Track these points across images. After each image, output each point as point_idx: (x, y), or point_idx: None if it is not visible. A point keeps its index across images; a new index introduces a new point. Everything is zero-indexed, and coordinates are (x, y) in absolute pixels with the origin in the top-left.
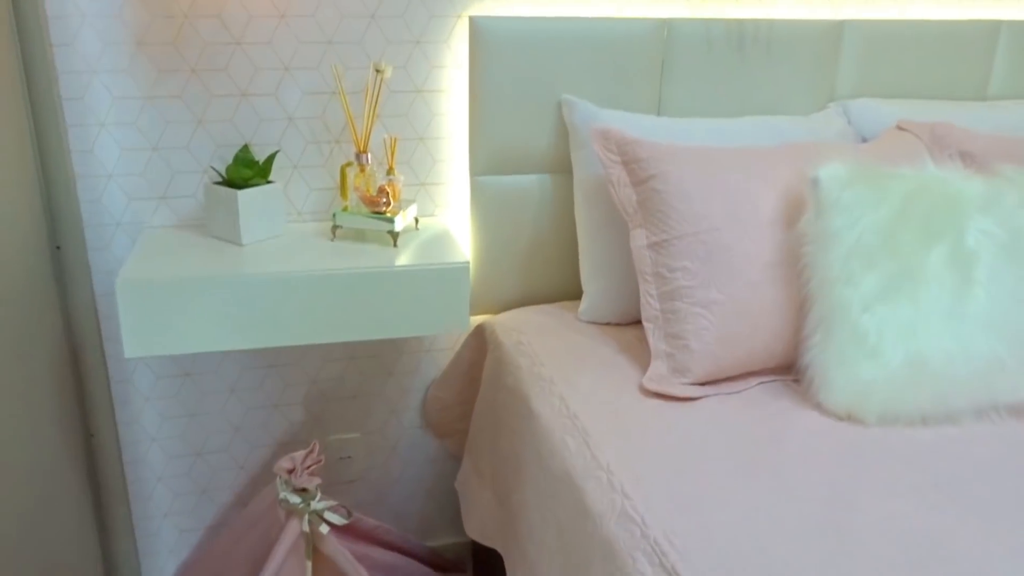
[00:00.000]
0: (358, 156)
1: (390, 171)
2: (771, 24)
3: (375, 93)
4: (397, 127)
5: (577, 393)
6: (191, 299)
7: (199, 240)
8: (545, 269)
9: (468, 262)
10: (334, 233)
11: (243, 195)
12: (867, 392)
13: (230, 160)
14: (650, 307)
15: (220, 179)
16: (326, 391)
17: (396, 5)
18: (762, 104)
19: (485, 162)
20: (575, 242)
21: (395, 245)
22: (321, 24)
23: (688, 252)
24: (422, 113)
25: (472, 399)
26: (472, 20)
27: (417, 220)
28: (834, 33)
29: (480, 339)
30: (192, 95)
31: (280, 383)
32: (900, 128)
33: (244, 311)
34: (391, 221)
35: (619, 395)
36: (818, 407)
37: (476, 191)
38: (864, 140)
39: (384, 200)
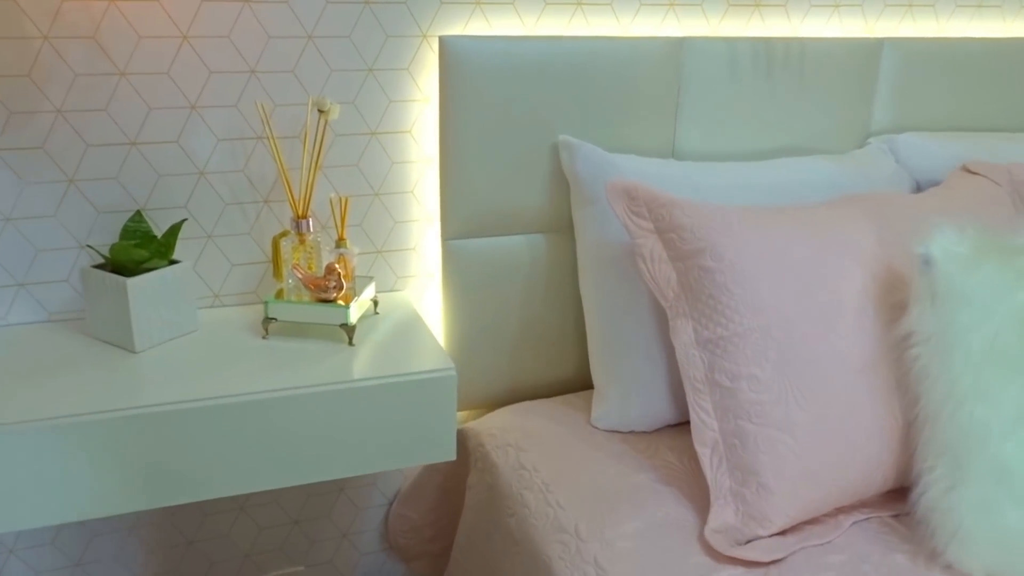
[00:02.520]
0: (296, 223)
1: (340, 242)
2: (803, 44)
3: (318, 138)
4: (346, 181)
5: (620, 559)
6: (55, 450)
7: (74, 345)
8: (539, 354)
9: (453, 369)
10: (266, 329)
11: (135, 284)
12: (1017, 548)
13: (117, 233)
14: (705, 427)
15: (103, 261)
16: (258, 518)
17: (341, 22)
18: (793, 139)
19: (461, 221)
20: (577, 320)
21: (351, 343)
22: (240, 47)
23: (755, 354)
24: (378, 162)
25: (449, 517)
26: (443, 41)
27: (376, 302)
28: (872, 54)
29: (461, 448)
30: (59, 145)
31: (196, 515)
32: (968, 171)
33: (140, 461)
34: (344, 311)
35: (680, 559)
36: (948, 569)
37: (450, 258)
38: (918, 184)
39: (333, 283)
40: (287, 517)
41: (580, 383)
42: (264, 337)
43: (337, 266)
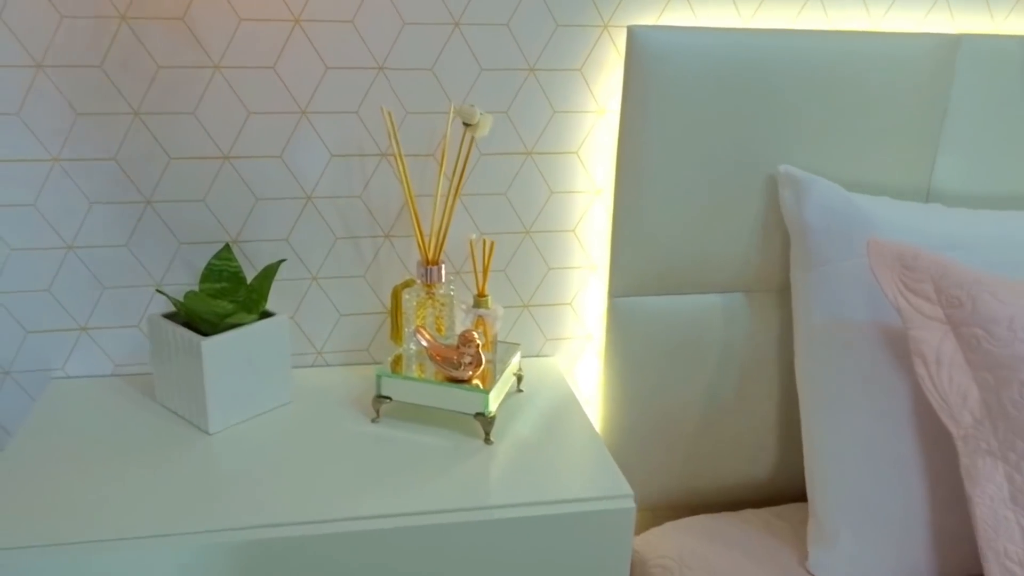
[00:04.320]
0: (425, 271)
1: (480, 299)
2: None
3: (460, 159)
4: (489, 214)
5: None
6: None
7: (138, 413)
8: (726, 451)
9: (632, 497)
10: (377, 410)
11: (213, 347)
12: None
13: (200, 270)
14: None
15: (174, 309)
16: None
17: (496, 5)
18: None
19: (636, 273)
20: (782, 411)
21: (487, 440)
22: (366, 35)
23: None
24: (533, 191)
25: None
26: (632, 33)
27: (520, 376)
28: None
29: None
30: (134, 156)
31: None
32: None
33: None
34: (482, 397)
35: None
36: None
37: (618, 319)
38: None
39: (469, 358)
40: None
41: (776, 490)
42: (374, 420)
43: (475, 334)
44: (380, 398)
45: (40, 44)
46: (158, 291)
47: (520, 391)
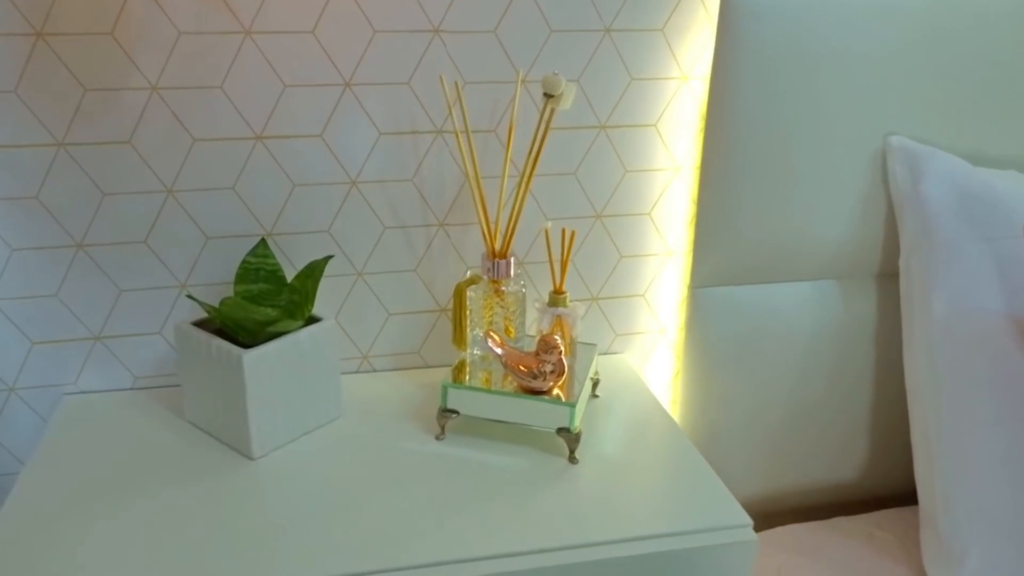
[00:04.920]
0: (492, 265)
1: (558, 296)
2: None
3: (537, 137)
4: (555, 196)
5: None
6: None
7: (163, 435)
8: (816, 451)
9: (751, 526)
10: (442, 426)
11: (256, 360)
12: None
13: (232, 268)
14: None
15: (207, 317)
16: None
17: None
18: None
19: (722, 261)
20: (882, 407)
21: (572, 458)
22: None
23: None
24: (606, 169)
25: None
26: None
27: (596, 380)
28: None
29: None
30: (152, 138)
31: None
32: None
33: None
34: (567, 411)
35: None
36: None
37: (699, 312)
38: None
39: (551, 366)
40: None
41: (866, 493)
42: (439, 438)
43: (555, 338)
44: (446, 412)
45: (42, 8)
46: (188, 296)
47: (596, 396)
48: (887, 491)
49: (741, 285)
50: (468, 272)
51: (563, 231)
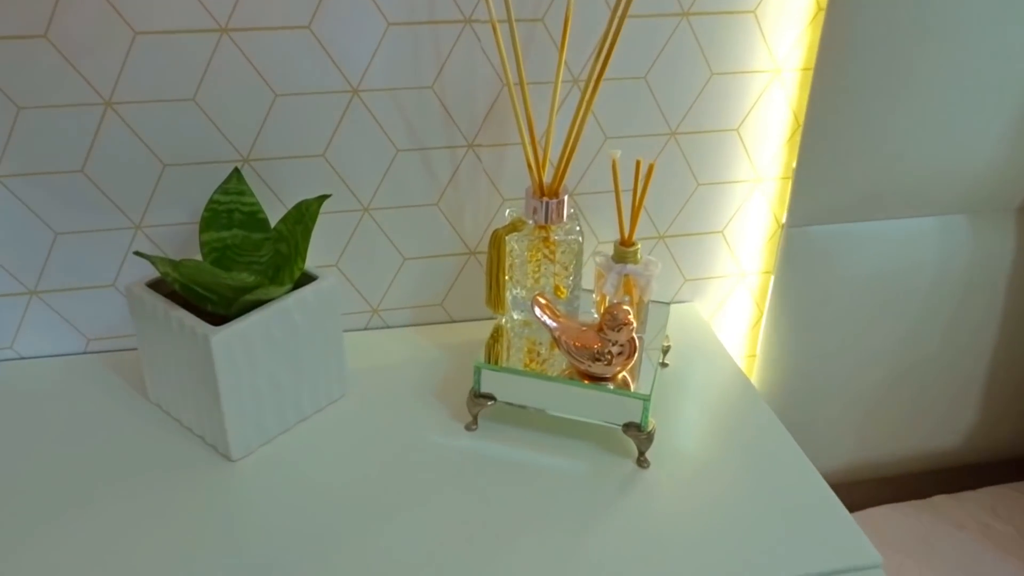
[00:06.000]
0: (542, 205)
1: (628, 251)
2: None
3: (615, 25)
4: (618, 111)
5: None
6: None
7: (126, 422)
8: (919, 414)
9: (881, 565)
10: (475, 415)
11: (224, 341)
12: None
13: (197, 205)
14: None
15: (162, 277)
16: None
17: None
18: None
19: (829, 192)
20: (1001, 363)
21: (641, 461)
22: None
23: None
24: (685, 71)
25: None
26: None
27: (666, 349)
28: None
29: None
30: (75, 29)
31: None
32: None
33: None
34: (639, 406)
35: None
36: None
37: (794, 254)
38: None
39: (618, 348)
40: None
41: (965, 463)
42: (469, 428)
43: (628, 311)
44: (479, 398)
45: None
46: (136, 253)
47: (665, 365)
48: (989, 461)
49: (850, 222)
50: (508, 213)
51: (637, 163)
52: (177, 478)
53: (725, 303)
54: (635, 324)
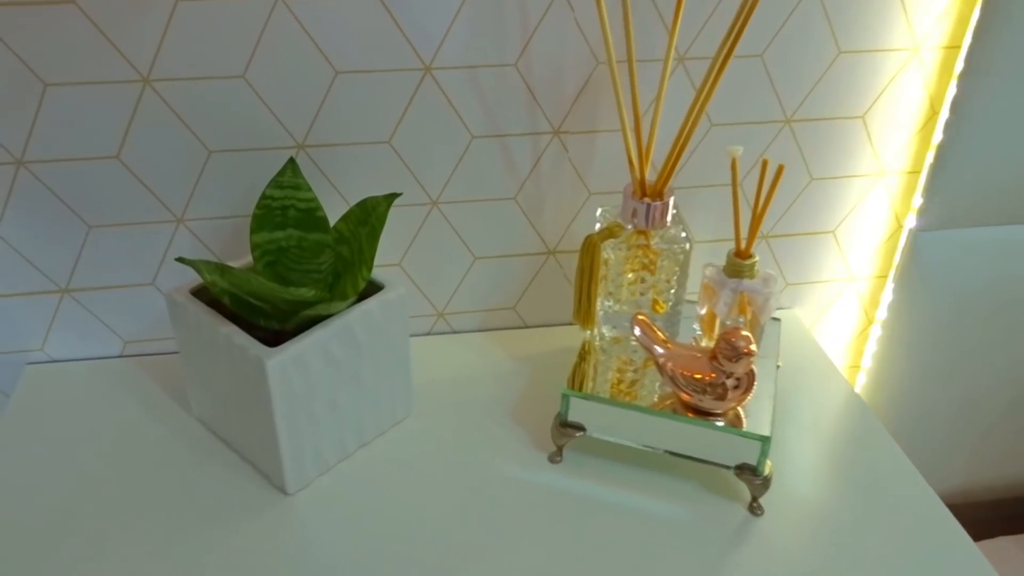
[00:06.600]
0: (645, 208)
1: (747, 265)
2: None
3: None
4: (730, 96)
5: None
6: None
7: (161, 439)
8: None
9: None
10: (559, 446)
11: (282, 365)
12: None
13: (250, 198)
14: None
15: (206, 286)
16: None
17: None
18: None
19: (968, 193)
20: None
21: (755, 508)
22: None
23: None
24: (810, 49)
25: None
26: None
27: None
28: None
29: None
30: (113, 2)
31: None
32: None
33: None
34: (755, 447)
35: None
36: None
37: (920, 259)
38: None
39: (734, 381)
40: None
41: None
42: (553, 460)
43: (750, 339)
44: (566, 428)
45: None
46: (179, 260)
47: (778, 366)
48: None
49: (987, 226)
50: (599, 213)
51: (764, 163)
52: (226, 511)
53: (828, 310)
54: (756, 353)
